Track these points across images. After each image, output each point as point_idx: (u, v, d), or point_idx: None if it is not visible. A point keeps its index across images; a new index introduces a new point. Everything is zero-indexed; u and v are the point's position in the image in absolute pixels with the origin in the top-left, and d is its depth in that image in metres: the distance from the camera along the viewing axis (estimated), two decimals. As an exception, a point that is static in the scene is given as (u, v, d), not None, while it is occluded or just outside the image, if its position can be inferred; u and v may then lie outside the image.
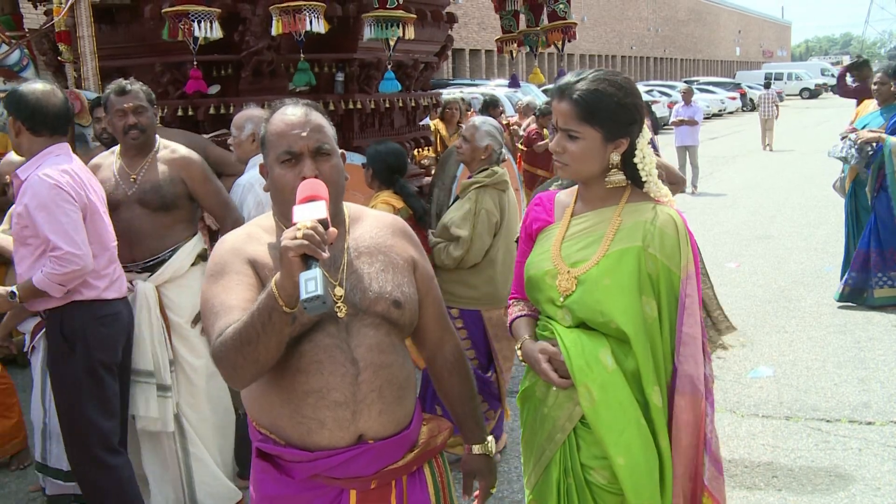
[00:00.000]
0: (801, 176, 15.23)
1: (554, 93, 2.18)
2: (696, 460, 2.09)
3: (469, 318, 4.14)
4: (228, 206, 3.75)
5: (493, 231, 4.11)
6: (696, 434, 2.08)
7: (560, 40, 7.10)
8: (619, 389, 2.07)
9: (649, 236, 2.09)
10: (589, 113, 2.09)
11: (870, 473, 4.07)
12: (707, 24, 64.55)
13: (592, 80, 2.11)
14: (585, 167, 2.15)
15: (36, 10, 6.47)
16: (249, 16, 5.36)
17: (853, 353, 5.81)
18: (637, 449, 2.05)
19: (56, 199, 3.10)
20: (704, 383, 2.09)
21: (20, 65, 5.45)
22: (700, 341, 2.10)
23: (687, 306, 2.08)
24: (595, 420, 2.07)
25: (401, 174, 4.26)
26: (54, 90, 3.30)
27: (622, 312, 2.06)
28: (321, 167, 1.88)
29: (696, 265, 2.13)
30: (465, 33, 31.25)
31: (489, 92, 13.54)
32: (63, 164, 3.21)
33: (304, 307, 1.55)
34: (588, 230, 2.17)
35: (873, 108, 6.89)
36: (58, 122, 3.26)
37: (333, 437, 1.85)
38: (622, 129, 2.12)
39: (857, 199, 6.92)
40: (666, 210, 2.14)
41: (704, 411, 2.08)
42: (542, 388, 2.23)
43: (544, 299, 2.20)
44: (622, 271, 2.08)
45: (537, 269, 2.21)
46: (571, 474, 2.15)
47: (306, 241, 1.58)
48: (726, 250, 9.34)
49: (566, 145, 2.14)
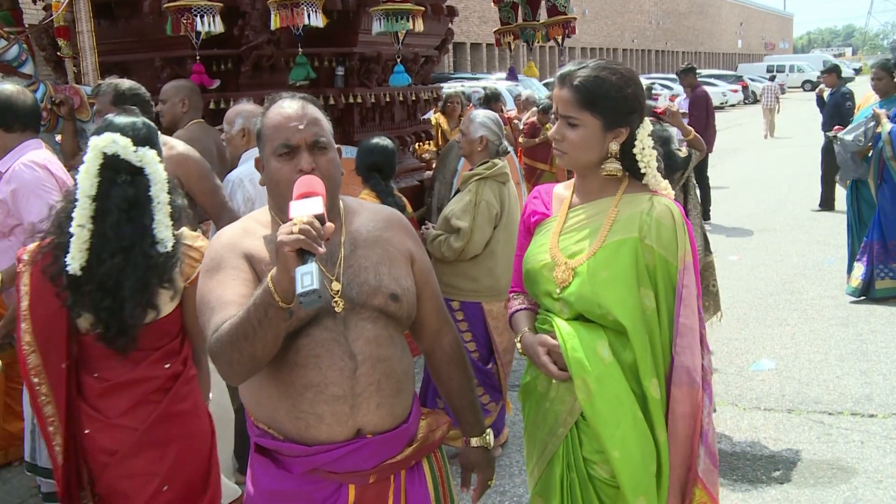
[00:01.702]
0: (803, 168, 15.18)
1: (555, 80, 2.17)
2: (691, 451, 2.08)
3: (470, 311, 4.14)
4: (224, 206, 3.71)
5: (494, 223, 4.11)
6: (693, 425, 2.07)
7: (560, 35, 7.09)
8: (615, 382, 2.06)
9: (646, 227, 2.08)
10: (589, 100, 2.08)
11: (872, 466, 4.06)
12: (709, 16, 64.38)
13: (594, 67, 2.11)
14: (584, 155, 2.14)
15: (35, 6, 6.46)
16: (249, 10, 5.35)
17: (855, 346, 5.80)
18: (633, 442, 2.05)
19: (43, 185, 3.17)
20: (702, 374, 2.08)
21: (19, 60, 5.44)
22: (697, 332, 2.09)
23: (684, 297, 2.07)
24: (591, 413, 2.07)
25: (381, 173, 4.24)
26: (24, 90, 3.44)
27: (619, 304, 2.06)
28: (318, 160, 1.87)
29: (693, 256, 2.12)
30: (465, 27, 31.20)
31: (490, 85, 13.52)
32: (42, 153, 3.32)
33: (299, 301, 1.55)
34: (585, 222, 2.17)
35: (874, 100, 6.89)
36: (28, 119, 3.40)
37: (332, 432, 1.85)
38: (622, 118, 2.11)
39: (859, 191, 6.91)
40: (663, 201, 2.13)
41: (702, 402, 2.07)
42: (543, 383, 2.22)
43: (542, 292, 2.20)
44: (619, 263, 2.07)
45: (535, 262, 2.21)
46: (574, 469, 2.15)
47: (302, 235, 1.57)
48: (728, 243, 9.32)
49: (566, 133, 2.13)
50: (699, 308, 2.10)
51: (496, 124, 4.29)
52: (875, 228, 6.65)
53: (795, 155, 17.58)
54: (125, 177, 2.44)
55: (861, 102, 7.26)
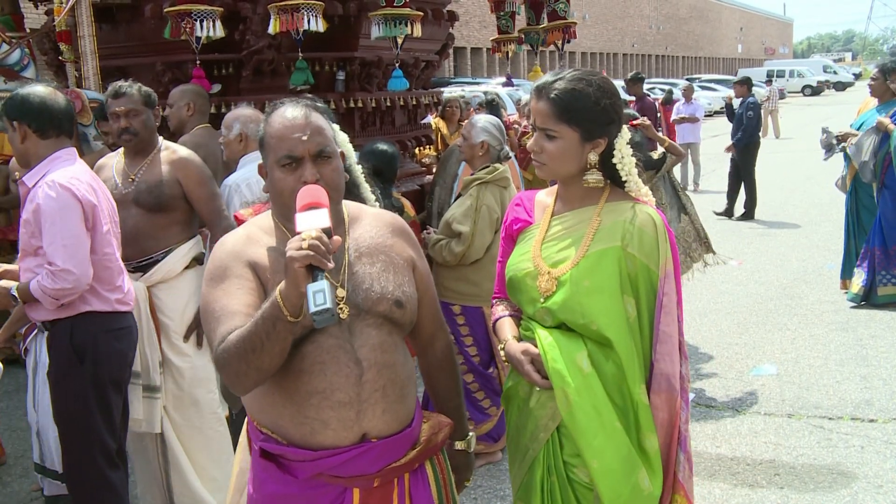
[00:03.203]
0: (803, 173, 15.20)
1: (532, 92, 2.18)
2: (670, 458, 2.09)
3: (471, 315, 4.14)
4: (220, 214, 3.68)
5: (495, 227, 4.12)
6: (671, 432, 2.08)
7: (560, 40, 7.11)
8: (593, 393, 2.06)
9: (628, 236, 2.09)
10: (566, 112, 2.09)
11: (872, 471, 4.06)
12: (709, 21, 64.46)
13: (570, 79, 2.11)
14: (563, 167, 2.15)
15: (37, 10, 6.49)
16: (250, 15, 5.37)
17: (855, 351, 5.80)
18: (609, 454, 2.04)
19: (63, 210, 2.96)
20: (680, 381, 2.09)
21: (21, 64, 5.45)
22: (677, 340, 2.10)
23: (664, 304, 2.09)
24: (571, 423, 2.07)
25: (381, 177, 4.24)
26: (55, 91, 3.22)
27: (603, 314, 2.06)
28: (322, 171, 1.86)
29: (675, 263, 2.13)
30: (466, 31, 31.23)
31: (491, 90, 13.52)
32: (70, 169, 3.09)
33: (313, 320, 1.55)
34: (567, 230, 2.18)
35: (874, 105, 6.90)
36: (64, 123, 3.15)
37: (337, 437, 1.85)
38: (599, 129, 2.12)
39: (858, 196, 6.92)
40: (645, 209, 2.14)
41: (679, 408, 2.09)
42: (525, 388, 2.24)
43: (525, 300, 2.21)
44: (602, 272, 2.08)
45: (517, 270, 2.22)
46: (555, 472, 2.16)
47: (312, 251, 1.57)
48: (728, 248, 9.32)
49: (544, 144, 2.14)
50: (679, 316, 2.12)
51: (498, 129, 4.30)
52: (876, 234, 6.65)
53: (794, 159, 17.59)
54: None
55: (861, 107, 7.27)
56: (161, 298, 3.63)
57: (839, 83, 51.89)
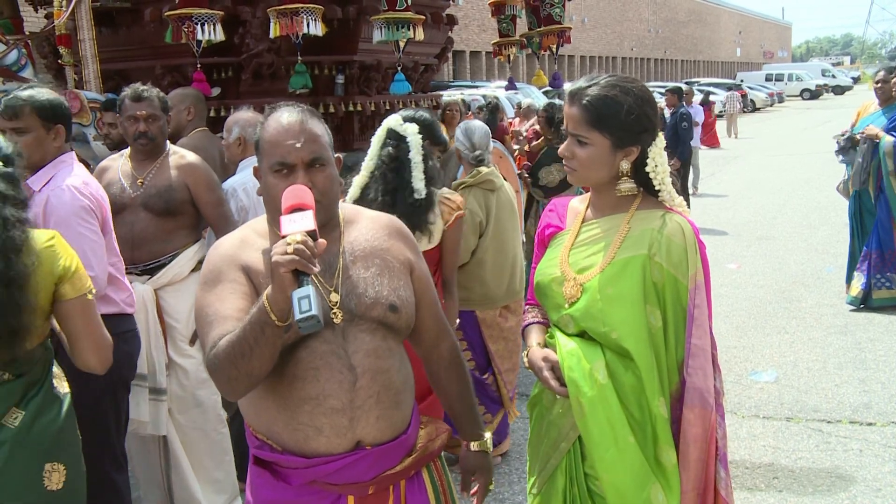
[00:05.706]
0: (802, 177, 15.21)
1: (566, 97, 2.15)
2: (706, 473, 2.04)
3: (464, 320, 4.13)
4: (227, 220, 3.68)
5: (479, 231, 4.12)
6: (706, 448, 2.03)
7: (555, 44, 7.13)
8: (608, 405, 2.02)
9: (656, 244, 2.04)
10: (598, 119, 2.05)
11: (870, 474, 4.07)
12: (707, 24, 64.53)
13: (604, 85, 2.07)
14: (593, 173, 2.12)
15: (36, 14, 6.49)
16: (249, 18, 5.38)
17: (854, 354, 5.80)
18: (620, 468, 2.01)
19: (79, 214, 2.95)
20: (714, 396, 2.05)
21: (18, 64, 5.45)
22: (709, 353, 2.05)
23: (696, 317, 2.03)
24: (585, 434, 2.05)
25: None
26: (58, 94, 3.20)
27: (623, 323, 2.03)
28: (314, 178, 1.85)
29: (706, 275, 2.08)
30: (465, 35, 31.24)
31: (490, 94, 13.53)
32: (78, 173, 3.07)
33: (298, 327, 1.54)
34: (596, 237, 2.14)
35: (874, 108, 6.90)
36: (70, 127, 3.13)
37: (331, 444, 1.84)
38: (632, 137, 2.07)
39: (862, 201, 6.91)
40: (675, 218, 2.09)
41: (715, 424, 2.04)
42: (548, 397, 2.21)
43: (551, 306, 2.18)
44: (626, 280, 2.04)
45: (545, 276, 2.19)
46: (576, 483, 2.13)
47: (297, 256, 1.57)
48: (727, 251, 9.33)
49: (575, 150, 2.11)
50: (710, 328, 2.07)
51: (471, 135, 4.31)
52: (874, 238, 6.68)
53: (793, 163, 17.61)
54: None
55: (860, 110, 7.27)
56: (167, 301, 3.63)
57: (838, 87, 52.00)
